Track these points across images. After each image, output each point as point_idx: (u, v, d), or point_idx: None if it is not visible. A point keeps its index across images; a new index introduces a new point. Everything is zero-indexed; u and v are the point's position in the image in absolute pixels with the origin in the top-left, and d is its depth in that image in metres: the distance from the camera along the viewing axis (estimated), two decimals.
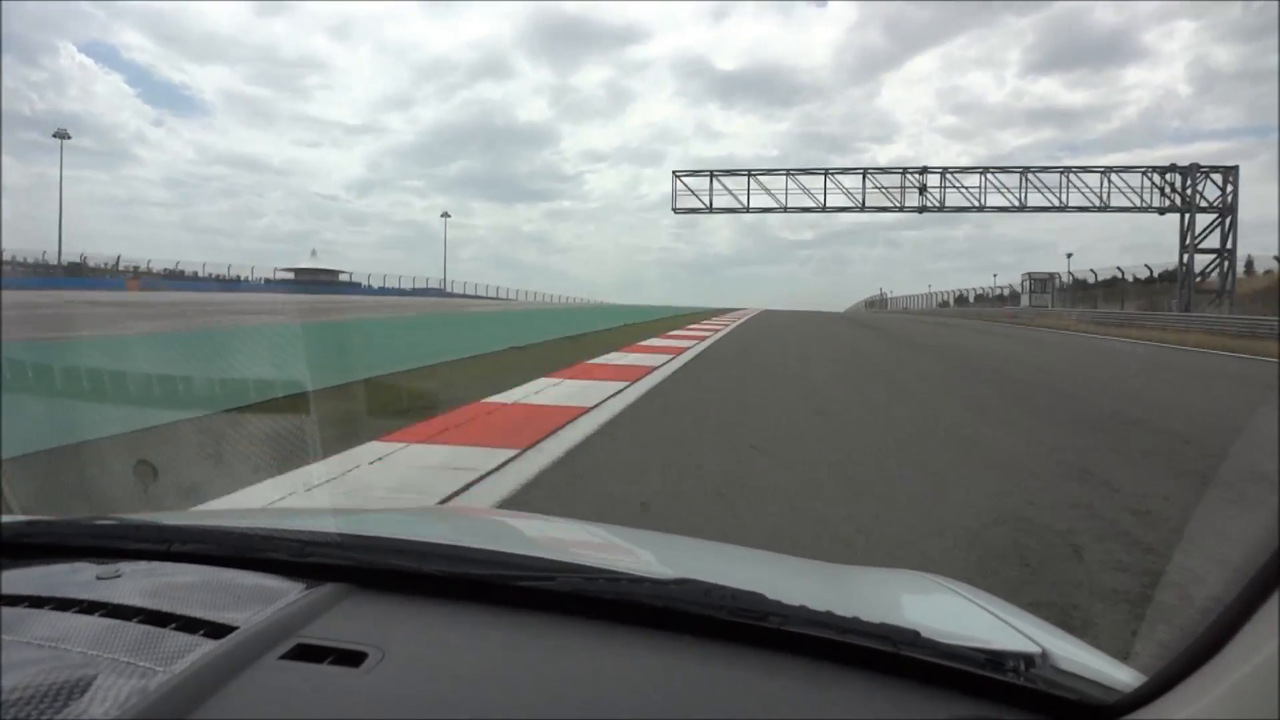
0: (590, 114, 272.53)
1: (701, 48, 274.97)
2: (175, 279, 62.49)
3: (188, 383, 5.84)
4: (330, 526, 1.15)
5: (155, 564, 1.03)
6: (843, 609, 0.85)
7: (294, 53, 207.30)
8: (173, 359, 7.85)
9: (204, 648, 0.78)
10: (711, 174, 43.77)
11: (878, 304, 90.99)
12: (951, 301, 70.67)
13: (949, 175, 41.44)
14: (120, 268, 61.42)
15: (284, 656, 0.79)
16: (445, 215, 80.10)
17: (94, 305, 22.66)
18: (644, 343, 16.39)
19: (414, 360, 9.79)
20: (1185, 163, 39.73)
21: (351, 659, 0.79)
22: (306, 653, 0.80)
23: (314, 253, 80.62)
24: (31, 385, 5.29)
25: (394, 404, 6.89)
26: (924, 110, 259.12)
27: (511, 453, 4.99)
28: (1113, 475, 4.75)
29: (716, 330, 23.39)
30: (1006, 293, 59.05)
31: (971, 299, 68.45)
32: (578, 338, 16.99)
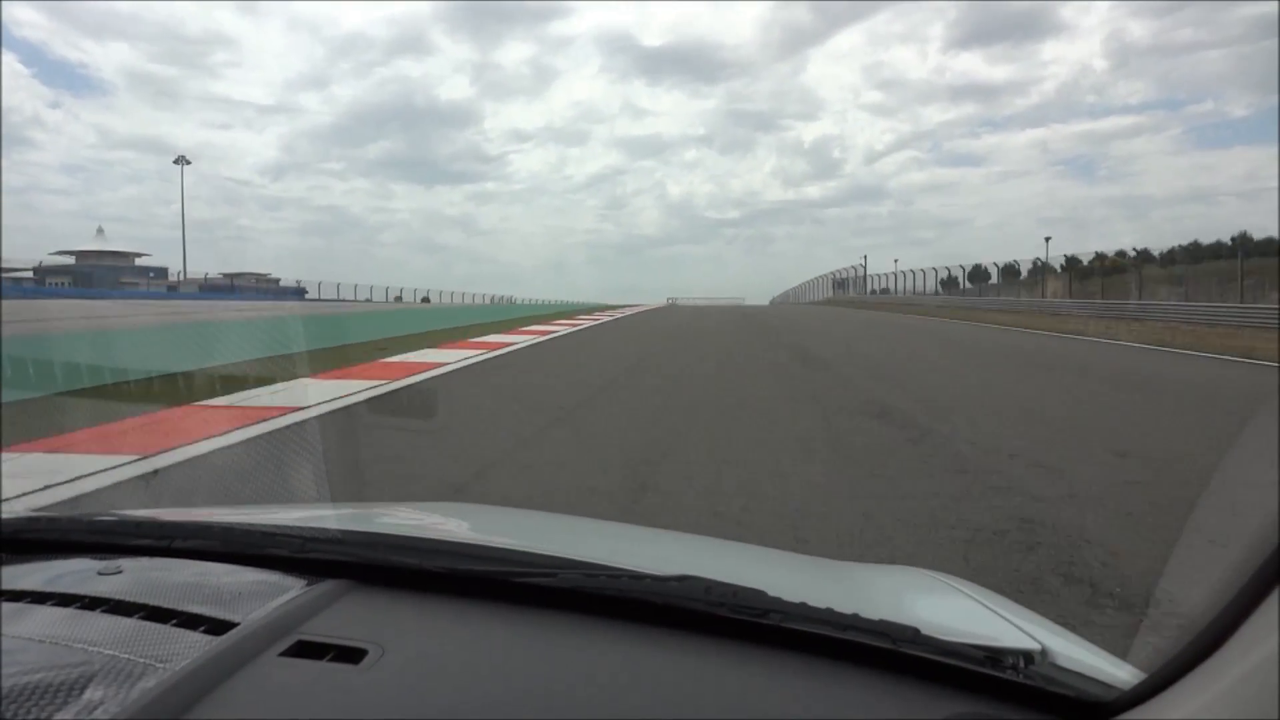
0: (513, 92, 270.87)
1: (626, 23, 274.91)
2: None
3: None
4: (331, 523, 1.15)
5: (156, 560, 1.03)
6: (842, 606, 0.85)
7: (199, 28, 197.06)
8: None
9: (204, 644, 0.78)
10: None
11: (853, 285, 65.82)
12: (963, 280, 46.00)
13: None
14: None
15: (284, 653, 0.79)
16: (181, 160, 53.79)
17: None
18: None
19: None
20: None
21: (351, 656, 0.79)
22: (306, 649, 0.80)
23: (100, 230, 61.60)
24: None
25: None
26: (849, 86, 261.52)
27: None
28: None
29: None
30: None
31: (995, 276, 42.06)
32: None
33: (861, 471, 4.87)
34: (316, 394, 7.62)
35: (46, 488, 4.11)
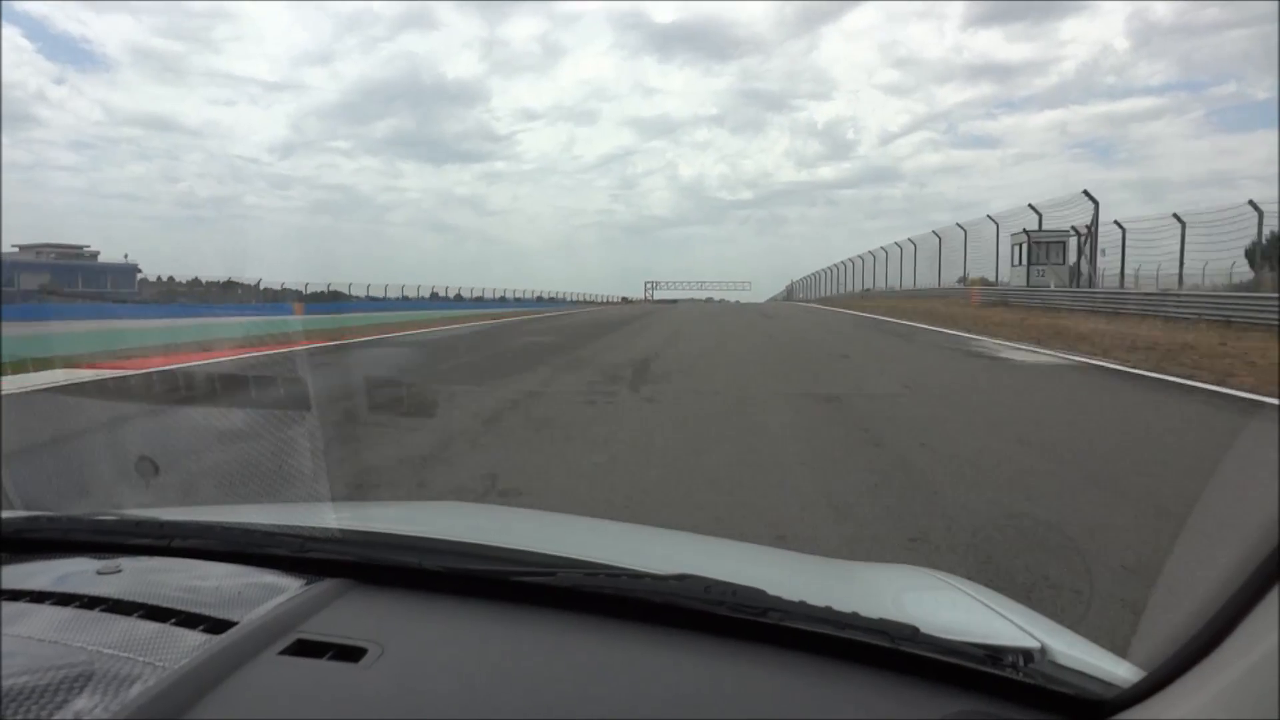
0: (522, 69, 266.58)
1: None
2: None
3: None
4: (330, 522, 1.15)
5: (156, 559, 1.03)
6: (842, 605, 0.85)
7: (202, 2, 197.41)
8: None
9: (204, 643, 0.78)
10: None
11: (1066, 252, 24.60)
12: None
13: None
14: None
15: (283, 652, 0.79)
16: None
17: None
18: None
19: None
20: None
21: (351, 655, 0.79)
22: (306, 648, 0.80)
23: None
24: None
25: None
26: (863, 65, 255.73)
27: None
28: None
29: None
30: None
31: None
32: None
33: None
34: None
35: None
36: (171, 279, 48.65)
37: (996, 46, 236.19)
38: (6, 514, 1.15)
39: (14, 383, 8.11)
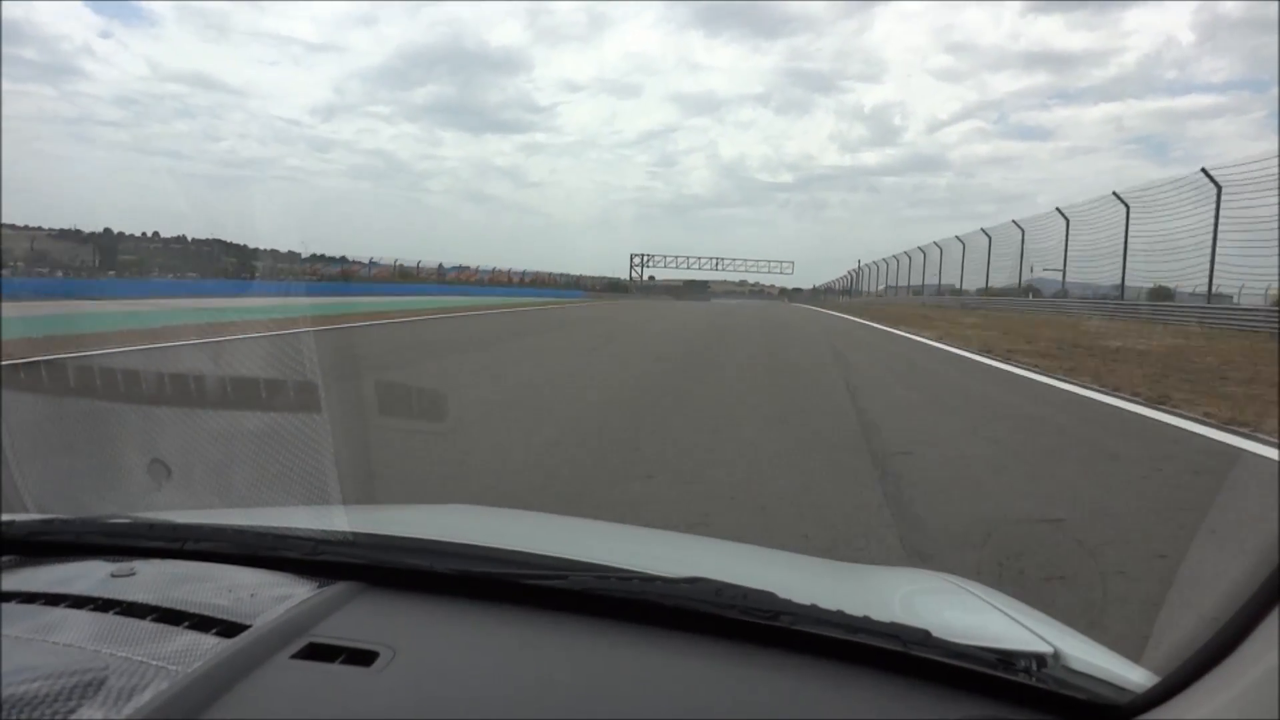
0: (567, 39, 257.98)
1: None
2: None
3: None
4: (342, 525, 1.15)
5: (169, 562, 1.04)
6: (853, 608, 0.85)
7: None
8: None
9: (216, 647, 0.79)
10: None
11: None
12: None
13: None
14: None
15: (296, 656, 0.79)
16: None
17: None
18: None
19: None
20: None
21: (363, 658, 0.79)
22: (318, 652, 0.80)
23: None
24: None
25: None
26: (916, 49, 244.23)
27: None
28: None
29: None
30: None
31: None
32: None
33: None
34: None
35: None
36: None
37: (1056, 34, 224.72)
38: (21, 517, 1.15)
39: None
